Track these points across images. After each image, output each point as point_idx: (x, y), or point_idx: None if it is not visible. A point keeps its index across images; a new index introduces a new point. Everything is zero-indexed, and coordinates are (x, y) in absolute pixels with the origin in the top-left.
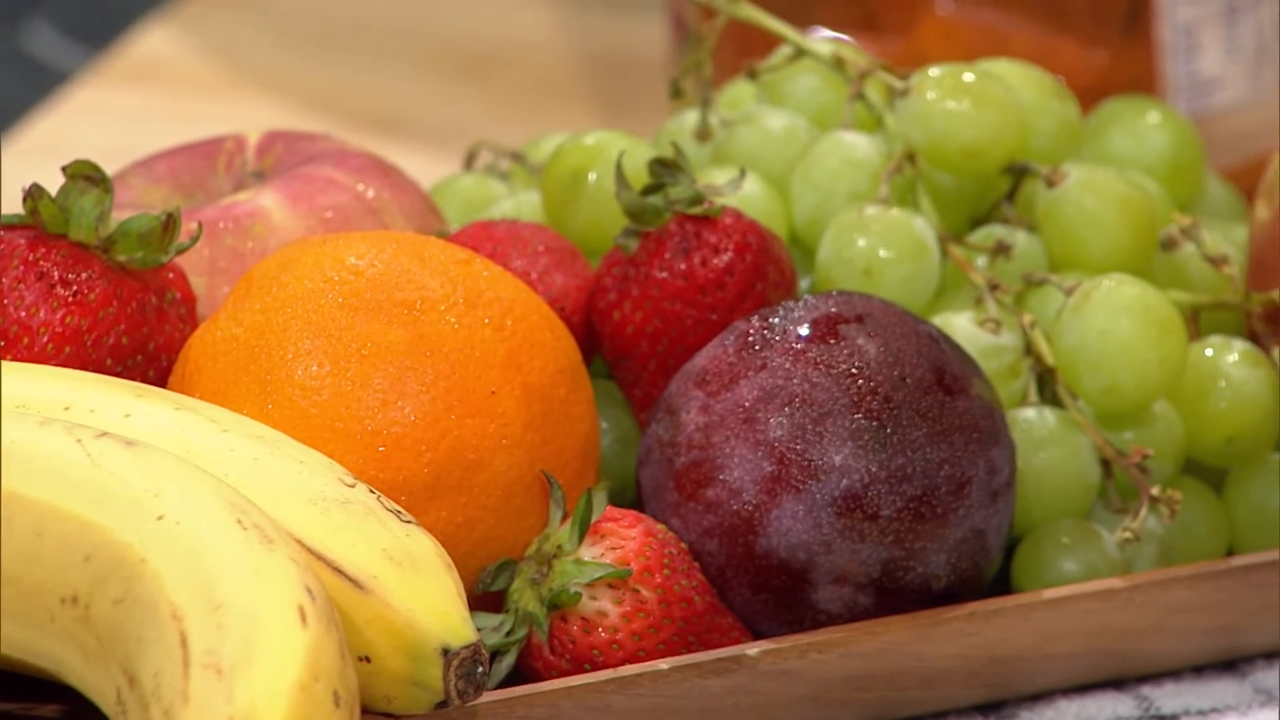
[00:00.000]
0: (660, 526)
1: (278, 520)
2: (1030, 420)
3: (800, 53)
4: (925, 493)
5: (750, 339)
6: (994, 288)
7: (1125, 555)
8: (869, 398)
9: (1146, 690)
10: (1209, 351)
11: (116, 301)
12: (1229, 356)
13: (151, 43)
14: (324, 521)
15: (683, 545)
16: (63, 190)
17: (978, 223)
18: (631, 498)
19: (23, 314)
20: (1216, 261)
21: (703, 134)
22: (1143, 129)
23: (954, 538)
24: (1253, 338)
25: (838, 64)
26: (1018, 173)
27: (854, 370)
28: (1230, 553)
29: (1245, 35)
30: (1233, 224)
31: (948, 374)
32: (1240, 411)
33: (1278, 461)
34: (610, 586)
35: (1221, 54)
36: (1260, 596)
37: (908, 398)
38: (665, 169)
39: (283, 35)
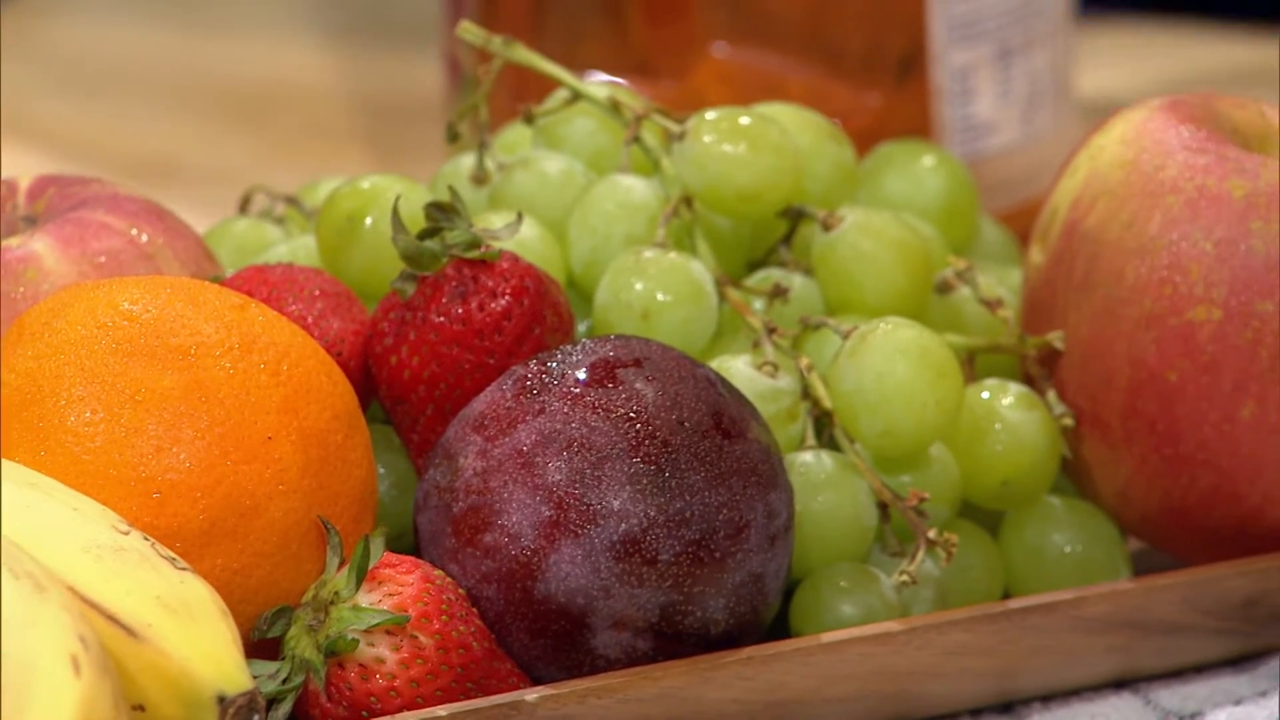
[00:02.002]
0: (438, 572)
1: (50, 568)
2: (808, 464)
3: (576, 96)
4: (704, 537)
5: (528, 383)
6: (771, 331)
7: (902, 598)
8: (647, 442)
9: None
10: (985, 394)
11: None
12: (1004, 399)
13: None
14: (97, 569)
15: (461, 591)
16: None
17: (755, 266)
18: (409, 543)
19: None
20: (991, 305)
21: (479, 178)
22: (918, 172)
23: (732, 582)
24: (1028, 380)
25: (614, 107)
26: (794, 216)
27: (632, 414)
28: (1006, 595)
29: (1018, 80)
30: (1007, 267)
31: (726, 417)
32: (1016, 454)
33: (1053, 504)
34: (388, 633)
35: (995, 98)
36: (1036, 639)
37: (686, 441)
38: (441, 213)
39: (53, 81)
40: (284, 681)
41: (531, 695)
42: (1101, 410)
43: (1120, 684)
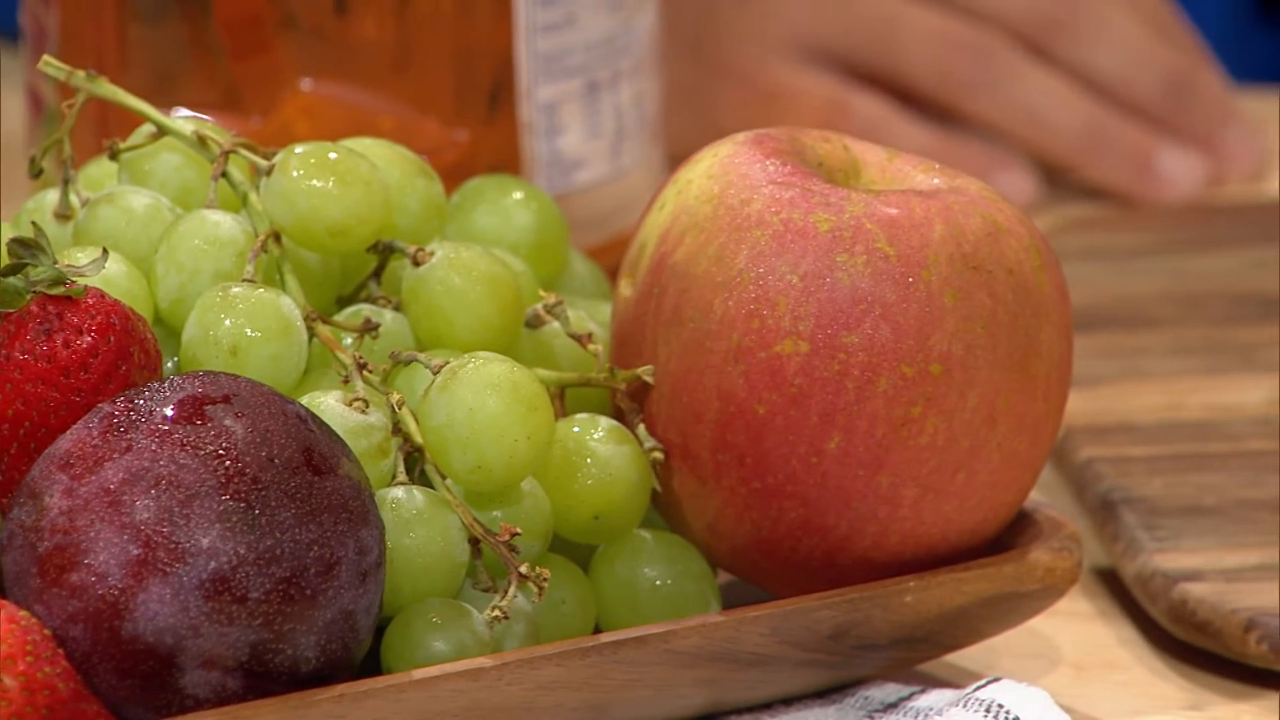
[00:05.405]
0: (23, 613)
1: None
2: (399, 499)
3: (162, 131)
4: (294, 574)
5: (115, 421)
6: (362, 367)
7: (495, 633)
8: (237, 479)
9: None
10: (576, 429)
11: None
12: (595, 434)
13: None
14: None
15: (47, 632)
16: None
17: (345, 302)
18: None
19: None
20: (581, 339)
21: (64, 214)
22: (507, 207)
23: (323, 619)
24: (618, 415)
25: (200, 142)
26: (384, 251)
27: (221, 451)
28: (598, 629)
29: (605, 115)
30: (597, 301)
31: (316, 454)
32: (607, 488)
33: (643, 538)
34: None
35: (583, 132)
36: (627, 673)
37: (276, 478)
38: (25, 249)
39: None
40: None
41: None
42: (692, 444)
43: (711, 716)
